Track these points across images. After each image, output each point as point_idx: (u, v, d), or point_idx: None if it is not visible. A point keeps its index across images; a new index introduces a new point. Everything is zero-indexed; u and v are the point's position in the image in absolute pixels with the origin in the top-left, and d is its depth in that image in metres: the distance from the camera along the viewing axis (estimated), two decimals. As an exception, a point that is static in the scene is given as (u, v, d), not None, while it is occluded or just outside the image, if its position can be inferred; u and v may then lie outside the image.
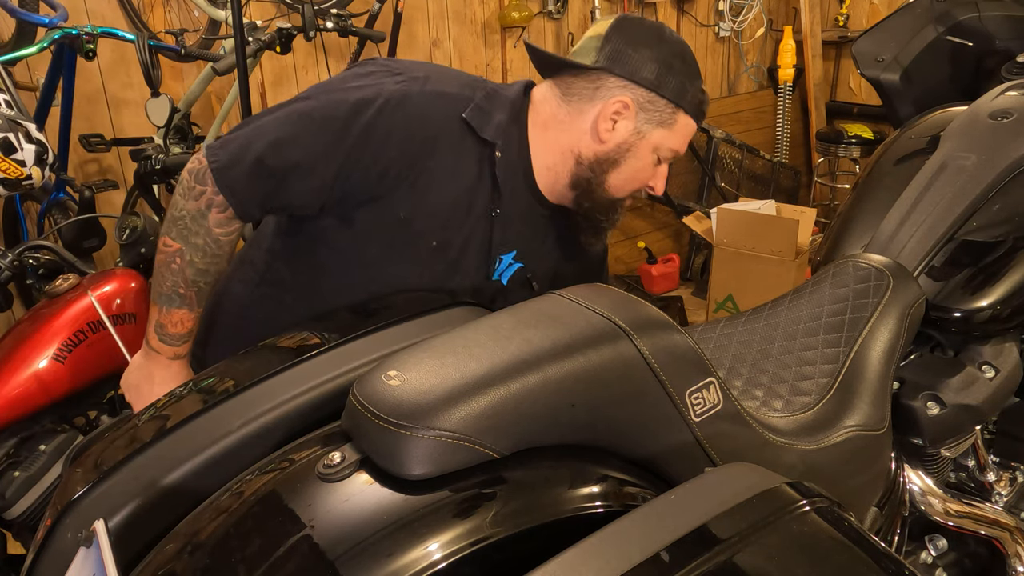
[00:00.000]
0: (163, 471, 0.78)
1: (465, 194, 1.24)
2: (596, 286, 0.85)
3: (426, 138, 1.20)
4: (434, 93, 1.22)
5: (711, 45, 4.40)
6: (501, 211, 1.27)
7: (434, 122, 1.21)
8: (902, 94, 2.12)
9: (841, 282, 1.24)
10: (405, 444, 0.65)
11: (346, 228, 1.24)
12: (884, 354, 1.15)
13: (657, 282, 3.94)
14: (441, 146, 1.21)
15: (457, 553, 0.60)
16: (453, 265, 1.27)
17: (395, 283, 1.24)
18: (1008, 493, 1.36)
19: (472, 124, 1.22)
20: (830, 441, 1.01)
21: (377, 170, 1.19)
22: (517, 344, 0.73)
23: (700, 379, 0.81)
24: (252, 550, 0.63)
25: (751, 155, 4.11)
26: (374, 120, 1.17)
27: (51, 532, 0.76)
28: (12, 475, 1.50)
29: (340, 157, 1.18)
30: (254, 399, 0.84)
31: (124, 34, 2.15)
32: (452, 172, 1.23)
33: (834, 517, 0.67)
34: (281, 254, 1.33)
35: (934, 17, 2.15)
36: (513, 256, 1.34)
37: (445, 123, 1.21)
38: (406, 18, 3.14)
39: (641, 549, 0.59)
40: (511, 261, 1.34)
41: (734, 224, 3.08)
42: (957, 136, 1.39)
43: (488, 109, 1.24)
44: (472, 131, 1.23)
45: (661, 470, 0.78)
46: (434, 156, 1.21)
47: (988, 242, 1.27)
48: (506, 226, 1.29)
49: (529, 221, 1.33)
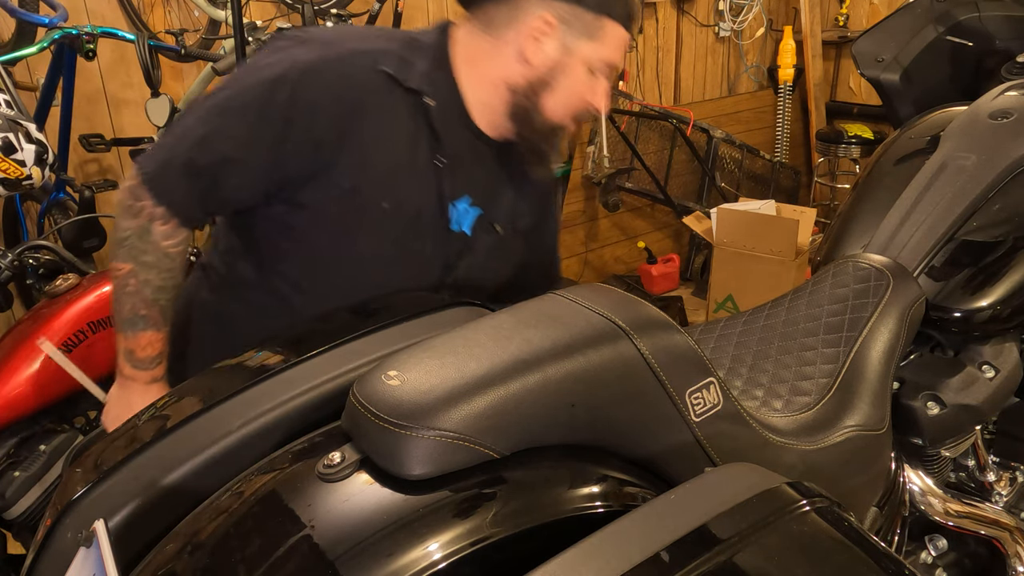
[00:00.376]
0: (163, 471, 0.78)
1: (405, 150, 1.21)
2: (596, 286, 0.85)
3: (351, 100, 1.16)
4: (348, 53, 1.19)
5: (711, 45, 4.40)
6: (446, 158, 1.23)
7: (355, 82, 1.17)
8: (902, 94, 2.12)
9: (841, 282, 1.24)
10: (405, 444, 0.65)
11: (297, 211, 1.21)
12: (884, 354, 1.15)
13: (657, 282, 3.94)
14: (368, 106, 1.17)
15: (457, 553, 0.60)
16: (412, 224, 1.24)
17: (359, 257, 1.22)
18: (1008, 493, 1.36)
19: (396, 76, 1.18)
20: (830, 441, 1.01)
21: (309, 145, 1.16)
22: (517, 344, 0.73)
23: (700, 379, 0.81)
24: (252, 550, 0.63)
25: (751, 155, 4.11)
26: (292, 95, 1.14)
27: (51, 532, 0.76)
28: (12, 475, 1.50)
29: (268, 140, 1.14)
30: (254, 399, 0.84)
31: (124, 34, 2.14)
32: (386, 130, 1.19)
33: (834, 517, 0.67)
34: (240, 252, 1.30)
35: (934, 17, 2.15)
36: (469, 202, 1.29)
37: (367, 81, 1.17)
38: (406, 18, 3.13)
39: (641, 549, 0.59)
40: (467, 208, 1.29)
41: (734, 224, 3.08)
42: (957, 136, 1.39)
43: (409, 58, 1.20)
44: (397, 83, 1.18)
45: (661, 470, 0.78)
46: (364, 117, 1.17)
47: (988, 242, 1.27)
48: (455, 173, 1.25)
49: (476, 163, 1.29)
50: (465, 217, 1.29)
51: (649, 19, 4.09)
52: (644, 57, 4.13)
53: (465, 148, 1.26)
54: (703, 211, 3.46)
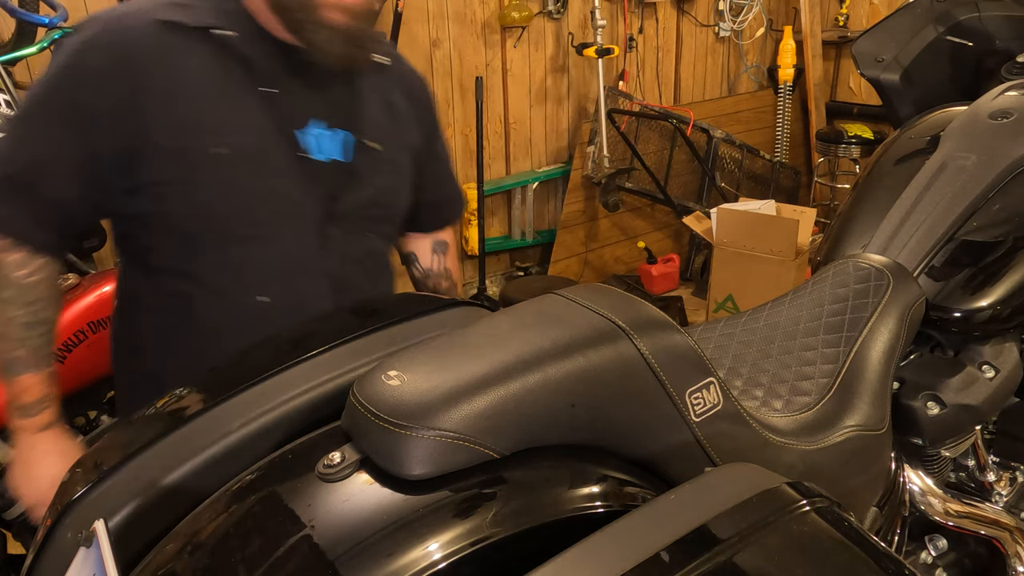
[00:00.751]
0: (163, 471, 0.78)
1: (218, 91, 1.15)
2: (596, 286, 0.85)
3: (135, 60, 1.11)
4: (118, 16, 1.14)
5: (711, 45, 4.40)
6: (272, 86, 1.17)
7: (133, 40, 1.12)
8: (902, 94, 2.11)
9: (841, 282, 1.24)
10: (405, 444, 0.65)
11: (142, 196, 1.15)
12: (884, 354, 1.15)
13: (657, 282, 3.94)
14: (156, 60, 1.12)
15: (457, 553, 0.60)
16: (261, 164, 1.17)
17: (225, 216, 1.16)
18: (1008, 493, 1.36)
19: (176, 21, 1.13)
20: (830, 441, 1.01)
21: (109, 119, 1.10)
22: (517, 344, 0.73)
23: (700, 379, 0.81)
24: (252, 550, 0.63)
25: (751, 155, 4.11)
26: (75, 76, 1.11)
27: (51, 532, 0.76)
28: (12, 475, 1.50)
29: (69, 129, 1.10)
30: (254, 399, 0.84)
31: (124, 34, 2.14)
32: (189, 77, 1.14)
33: (834, 517, 0.67)
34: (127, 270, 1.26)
35: (934, 17, 2.15)
36: (325, 126, 1.23)
37: (145, 35, 1.12)
38: (406, 18, 3.14)
39: (641, 549, 0.59)
40: (325, 132, 1.23)
41: (734, 224, 3.08)
42: (957, 136, 1.39)
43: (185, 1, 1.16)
44: (181, 27, 1.13)
45: (661, 470, 0.78)
46: (156, 72, 1.12)
47: (988, 242, 1.27)
48: (291, 98, 1.20)
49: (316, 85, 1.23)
50: (328, 143, 1.23)
51: (649, 19, 4.09)
52: (644, 57, 4.13)
53: (291, 71, 1.19)
54: (703, 211, 3.47)
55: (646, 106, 3.89)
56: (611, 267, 4.15)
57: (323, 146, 1.23)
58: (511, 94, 3.72)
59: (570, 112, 3.94)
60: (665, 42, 4.20)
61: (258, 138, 1.17)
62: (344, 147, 1.25)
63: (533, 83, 3.77)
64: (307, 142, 1.21)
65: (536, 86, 3.79)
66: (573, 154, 3.92)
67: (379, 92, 1.31)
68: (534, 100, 3.80)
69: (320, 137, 1.22)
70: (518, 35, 3.62)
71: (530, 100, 3.79)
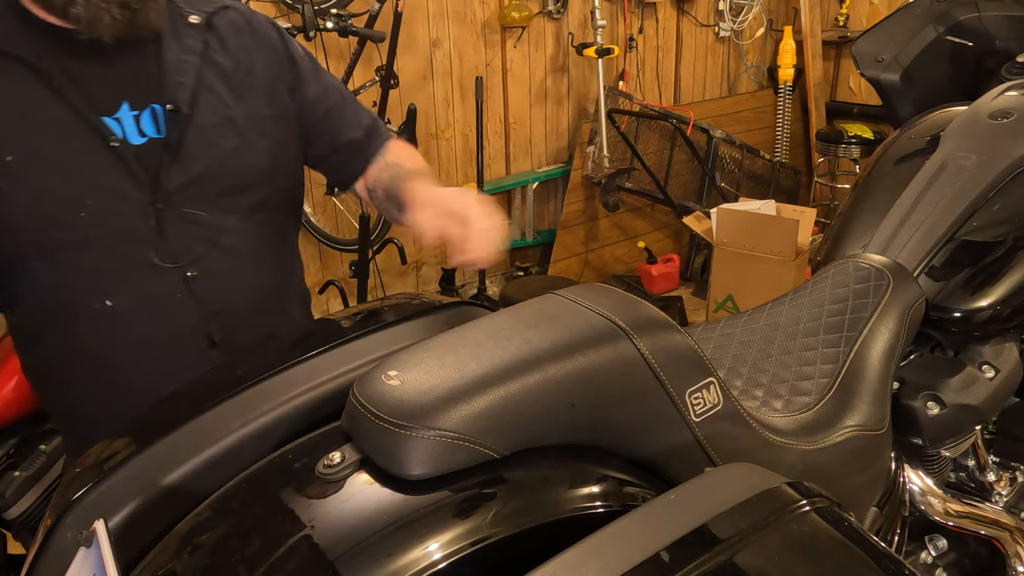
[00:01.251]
0: (163, 471, 0.77)
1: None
2: (596, 286, 0.85)
3: None
4: None
5: (711, 45, 4.40)
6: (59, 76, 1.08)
7: None
8: (902, 94, 2.11)
9: (841, 282, 1.24)
10: (405, 444, 0.65)
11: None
12: (884, 354, 1.15)
13: (657, 282, 3.94)
14: None
15: (457, 553, 0.60)
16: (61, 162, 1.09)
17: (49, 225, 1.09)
18: (1008, 493, 1.36)
19: None
20: (830, 441, 1.01)
21: None
22: (517, 344, 0.73)
23: (700, 379, 0.81)
24: (252, 550, 0.63)
25: (751, 155, 4.11)
26: None
27: (51, 532, 0.76)
28: (12, 475, 1.50)
29: None
30: (254, 399, 0.84)
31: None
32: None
33: (834, 517, 0.67)
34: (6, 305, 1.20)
35: (934, 17, 2.14)
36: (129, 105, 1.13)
37: None
38: (406, 18, 3.14)
39: (641, 549, 0.59)
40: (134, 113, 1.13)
41: (734, 224, 3.08)
42: (957, 136, 1.39)
43: None
44: None
45: (661, 470, 0.78)
46: None
47: (988, 242, 1.27)
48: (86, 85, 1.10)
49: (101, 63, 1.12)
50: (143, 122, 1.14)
51: (649, 19, 4.09)
52: (644, 57, 4.13)
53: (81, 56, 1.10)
54: (703, 211, 3.46)
55: (646, 106, 3.89)
56: (611, 267, 4.15)
57: (137, 126, 1.14)
58: (511, 94, 3.71)
59: (570, 112, 3.94)
60: (665, 42, 4.20)
61: (56, 137, 1.09)
62: (155, 122, 1.14)
63: (533, 83, 3.77)
64: (118, 127, 1.12)
65: (536, 86, 3.78)
66: (573, 154, 3.92)
67: (195, 54, 1.19)
68: (534, 100, 3.80)
69: (130, 118, 1.13)
70: (518, 35, 3.62)
71: (530, 100, 3.79)
